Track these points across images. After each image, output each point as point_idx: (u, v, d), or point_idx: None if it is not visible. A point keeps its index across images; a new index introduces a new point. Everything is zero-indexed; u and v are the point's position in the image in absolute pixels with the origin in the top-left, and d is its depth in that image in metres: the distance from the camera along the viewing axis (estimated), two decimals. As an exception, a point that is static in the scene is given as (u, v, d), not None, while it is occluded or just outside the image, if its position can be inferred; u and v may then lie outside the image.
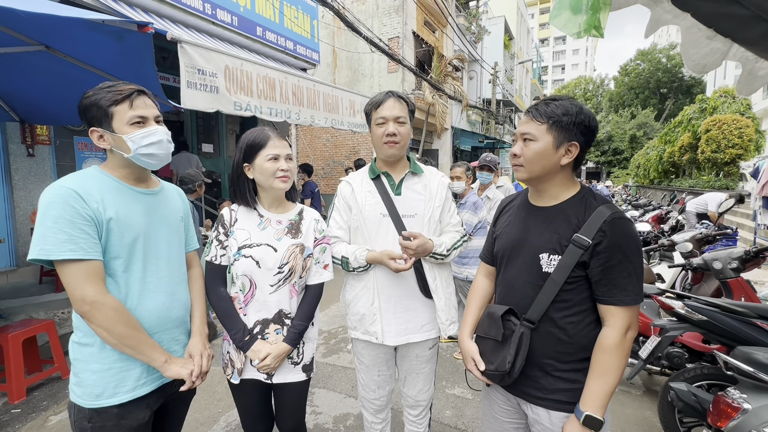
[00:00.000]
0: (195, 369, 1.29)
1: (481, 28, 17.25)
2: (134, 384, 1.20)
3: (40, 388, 2.93)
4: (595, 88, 53.90)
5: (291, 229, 1.52)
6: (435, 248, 1.58)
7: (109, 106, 1.15)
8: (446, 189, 1.71)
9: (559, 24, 1.17)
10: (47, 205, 1.08)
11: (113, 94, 1.16)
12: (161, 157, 1.24)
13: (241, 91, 3.58)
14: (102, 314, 1.10)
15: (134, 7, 4.42)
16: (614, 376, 1.09)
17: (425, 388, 1.76)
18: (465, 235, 1.72)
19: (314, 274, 1.56)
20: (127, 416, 1.19)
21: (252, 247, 1.45)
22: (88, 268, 1.10)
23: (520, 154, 1.21)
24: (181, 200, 1.45)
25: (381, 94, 1.65)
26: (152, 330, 1.23)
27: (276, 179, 1.44)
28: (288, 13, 6.73)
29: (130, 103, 1.17)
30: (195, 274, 1.48)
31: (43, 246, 1.06)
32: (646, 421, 2.61)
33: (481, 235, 3.29)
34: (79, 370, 1.18)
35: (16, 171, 4.49)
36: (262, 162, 1.44)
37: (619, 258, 1.09)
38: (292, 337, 1.47)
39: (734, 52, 1.49)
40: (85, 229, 1.10)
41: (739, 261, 2.77)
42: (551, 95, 1.23)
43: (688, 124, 16.38)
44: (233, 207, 1.54)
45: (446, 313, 1.66)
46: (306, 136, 12.45)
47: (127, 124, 1.17)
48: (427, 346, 1.71)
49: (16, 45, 2.52)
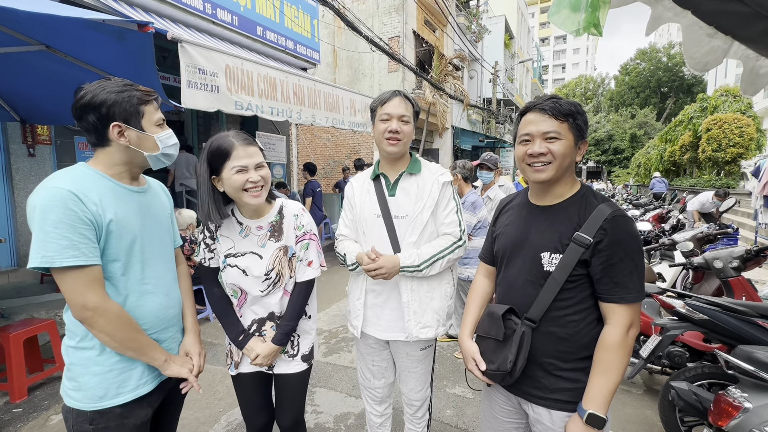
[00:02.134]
0: (195, 368, 1.30)
1: (481, 28, 17.23)
2: (137, 383, 1.20)
3: (41, 388, 2.93)
4: (595, 87, 53.84)
5: (273, 233, 1.48)
6: (402, 261, 1.54)
7: (140, 105, 1.16)
8: (443, 187, 1.64)
9: (558, 21, 1.17)
10: (45, 209, 1.02)
11: (142, 93, 1.17)
12: (173, 158, 1.28)
13: (242, 91, 3.58)
14: (105, 320, 1.09)
15: (134, 7, 4.42)
16: (617, 374, 1.09)
17: (417, 387, 1.75)
18: (458, 241, 1.62)
19: (299, 272, 1.52)
20: (130, 415, 1.19)
21: (237, 256, 1.44)
22: (90, 274, 1.07)
23: (547, 152, 1.14)
24: (167, 197, 1.44)
25: (388, 92, 1.65)
26: (151, 330, 1.23)
27: (245, 193, 1.34)
28: (288, 12, 6.73)
29: (156, 105, 1.20)
30: (182, 270, 1.48)
31: (45, 253, 1.02)
32: (647, 420, 2.61)
33: (481, 235, 3.27)
34: (77, 374, 1.15)
35: (17, 171, 4.49)
36: (228, 175, 1.32)
37: (620, 256, 1.09)
38: (279, 337, 1.48)
39: (735, 50, 1.48)
40: (85, 234, 1.07)
41: (740, 260, 2.77)
42: (550, 94, 1.22)
43: (689, 123, 16.35)
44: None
45: (420, 316, 1.62)
46: (306, 136, 12.44)
47: (154, 125, 1.19)
48: (418, 346, 1.69)
49: (17, 45, 2.52)
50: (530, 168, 1.19)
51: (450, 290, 1.72)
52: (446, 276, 1.70)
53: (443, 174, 1.68)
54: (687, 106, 18.11)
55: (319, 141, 12.67)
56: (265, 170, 1.39)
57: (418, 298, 1.62)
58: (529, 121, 1.19)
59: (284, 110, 4.12)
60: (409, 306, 1.60)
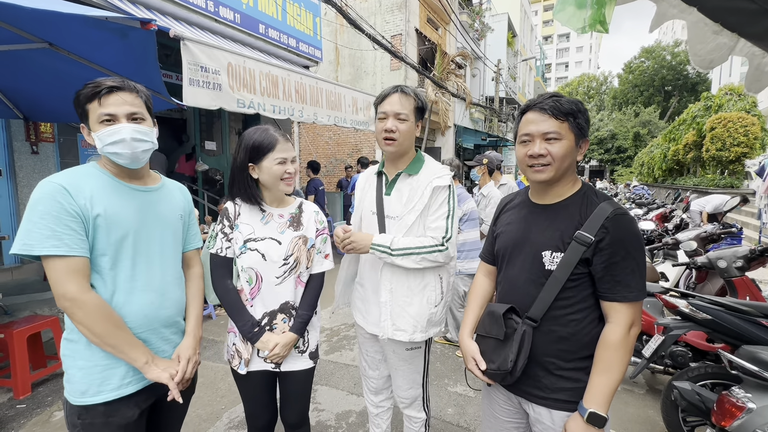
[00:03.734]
0: (178, 374, 1.25)
1: (484, 26, 17.17)
2: (119, 383, 1.19)
3: (44, 384, 2.95)
4: (598, 86, 53.58)
5: (293, 222, 1.57)
6: (374, 240, 1.54)
7: (84, 104, 1.16)
8: (434, 192, 1.56)
9: (563, 19, 1.16)
10: (36, 201, 1.08)
11: (88, 90, 1.15)
12: (129, 156, 1.18)
13: (244, 89, 3.58)
14: (82, 311, 1.10)
15: (137, 5, 4.42)
16: (618, 373, 1.08)
17: (404, 386, 1.73)
18: (439, 245, 1.52)
19: (316, 263, 1.62)
20: (115, 414, 1.18)
21: (257, 240, 1.49)
22: (71, 265, 1.09)
23: (546, 153, 1.14)
24: (183, 198, 1.44)
25: (389, 88, 1.61)
26: (139, 329, 1.22)
27: (282, 182, 1.48)
28: (291, 10, 6.72)
29: (98, 101, 1.14)
30: (194, 273, 1.47)
31: (27, 241, 1.06)
32: (649, 420, 2.60)
33: (468, 228, 3.24)
34: (68, 366, 1.18)
35: (20, 168, 4.51)
36: (270, 164, 1.46)
37: (622, 254, 1.09)
38: (298, 326, 1.53)
39: (741, 48, 1.47)
40: (70, 225, 1.09)
41: (744, 260, 2.75)
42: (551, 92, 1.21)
43: (693, 122, 16.26)
44: (237, 202, 1.55)
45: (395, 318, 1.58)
46: (308, 134, 12.44)
47: (97, 122, 1.16)
48: (403, 346, 1.65)
49: (20, 42, 2.52)
50: (530, 169, 1.19)
51: (435, 298, 1.61)
52: (431, 283, 1.60)
53: (440, 177, 1.57)
54: (691, 105, 18.03)
55: (321, 139, 12.66)
56: (297, 164, 1.54)
57: (394, 299, 1.59)
58: (529, 121, 1.18)
59: (286, 108, 4.11)
60: (385, 305, 1.60)
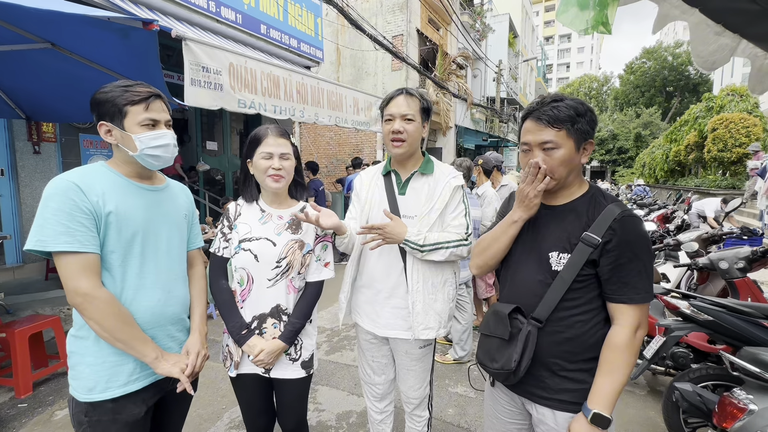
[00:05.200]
0: (188, 368, 1.28)
1: (485, 26, 17.18)
2: (127, 379, 1.21)
3: (46, 383, 2.96)
4: (599, 87, 53.52)
5: (291, 225, 1.54)
6: (408, 235, 1.51)
7: (124, 105, 1.18)
8: (454, 191, 1.62)
9: (566, 20, 1.16)
10: (48, 197, 1.09)
11: (131, 94, 1.19)
12: (165, 159, 1.28)
13: (245, 89, 3.58)
14: (94, 307, 1.11)
15: (139, 5, 4.43)
16: (623, 374, 1.08)
17: (415, 386, 1.74)
18: (464, 240, 1.59)
19: (314, 271, 1.56)
20: (122, 411, 1.20)
21: (251, 240, 1.47)
22: (84, 261, 1.11)
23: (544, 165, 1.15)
24: (187, 198, 1.47)
25: (394, 91, 1.63)
26: (147, 325, 1.24)
27: (267, 177, 1.45)
28: (292, 10, 6.72)
29: (146, 105, 1.20)
30: (197, 272, 1.49)
31: (40, 237, 1.08)
32: (650, 421, 2.59)
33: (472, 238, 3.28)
34: (75, 363, 1.20)
35: (22, 168, 4.52)
36: (257, 159, 1.46)
37: (629, 256, 1.09)
38: (287, 334, 1.48)
39: (743, 49, 1.46)
40: (83, 222, 1.11)
41: (746, 261, 2.75)
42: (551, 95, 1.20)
43: (695, 123, 16.21)
44: (239, 202, 1.57)
45: (423, 317, 1.59)
46: (309, 135, 12.44)
47: (138, 125, 1.20)
48: (417, 345, 1.67)
49: (23, 42, 2.53)
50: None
51: (452, 293, 1.70)
52: (449, 279, 1.68)
53: (456, 177, 1.66)
54: (693, 106, 17.97)
55: (322, 139, 12.66)
56: (289, 162, 1.49)
57: (422, 299, 1.60)
58: (527, 130, 1.19)
59: (287, 108, 4.12)
60: (414, 306, 1.59)
